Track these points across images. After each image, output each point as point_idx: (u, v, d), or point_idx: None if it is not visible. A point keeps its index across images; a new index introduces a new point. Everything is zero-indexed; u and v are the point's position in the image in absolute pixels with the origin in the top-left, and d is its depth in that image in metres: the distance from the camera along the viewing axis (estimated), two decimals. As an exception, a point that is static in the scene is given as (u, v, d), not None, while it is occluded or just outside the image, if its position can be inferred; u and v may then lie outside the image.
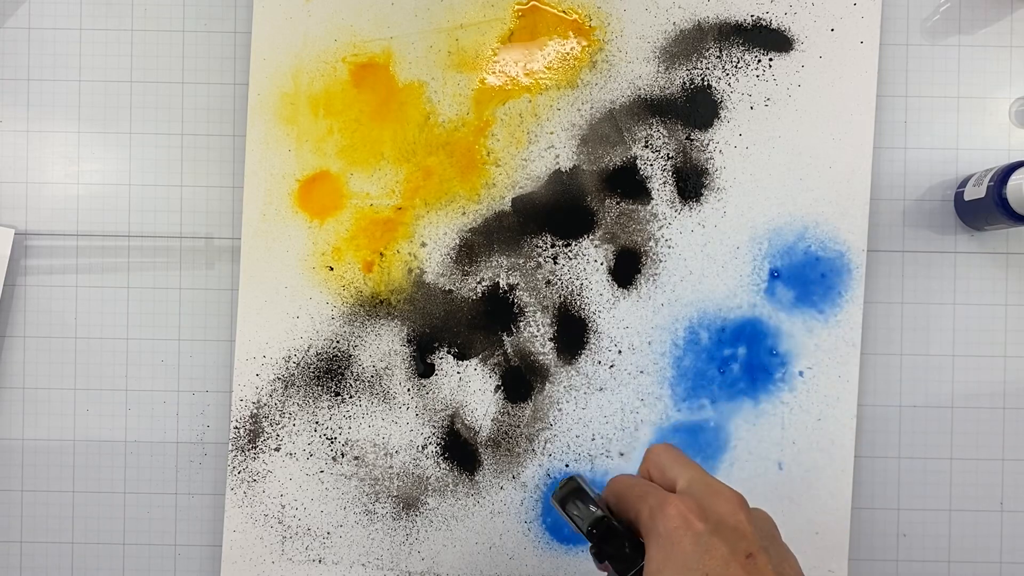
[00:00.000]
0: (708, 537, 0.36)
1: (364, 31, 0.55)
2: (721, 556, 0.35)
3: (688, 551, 0.36)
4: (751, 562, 0.36)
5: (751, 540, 0.37)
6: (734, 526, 0.37)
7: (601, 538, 0.39)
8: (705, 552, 0.35)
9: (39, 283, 0.56)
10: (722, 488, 0.38)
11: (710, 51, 0.55)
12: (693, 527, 0.36)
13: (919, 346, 0.56)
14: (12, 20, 0.56)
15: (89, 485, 0.56)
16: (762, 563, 0.36)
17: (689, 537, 0.36)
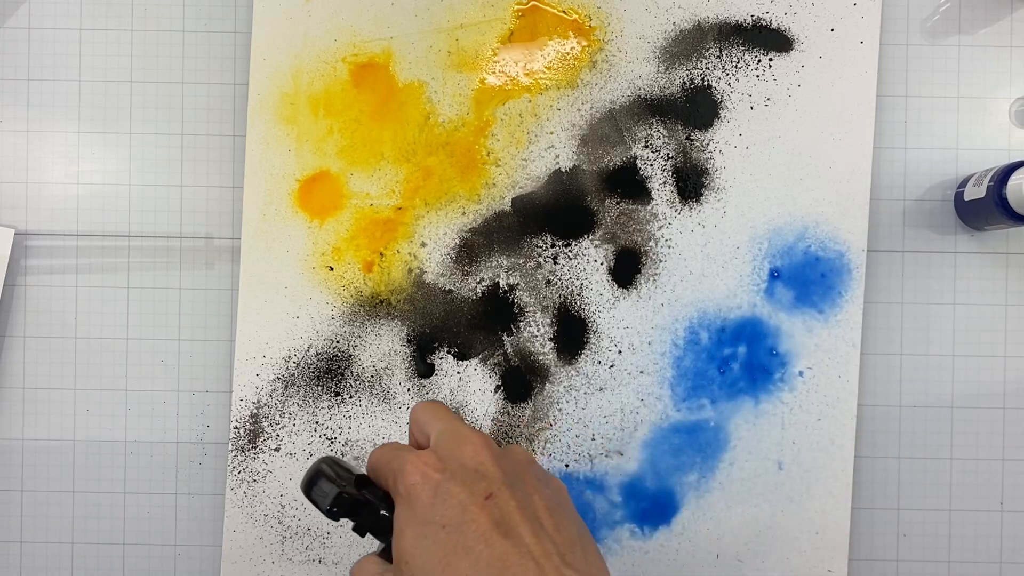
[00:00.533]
0: (446, 484, 0.35)
1: (364, 31, 0.55)
2: (458, 502, 0.35)
3: (426, 504, 0.35)
4: (491, 502, 0.35)
5: (492, 479, 0.36)
6: (474, 468, 0.36)
7: (348, 513, 0.38)
8: (442, 502, 0.35)
9: (39, 283, 0.56)
10: (469, 434, 0.37)
11: (710, 51, 0.55)
12: (430, 479, 0.35)
13: (919, 346, 0.56)
14: (12, 20, 0.56)
15: (89, 485, 0.56)
16: (503, 501, 0.35)
17: (427, 490, 0.35)
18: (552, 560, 0.34)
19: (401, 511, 0.36)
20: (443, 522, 0.34)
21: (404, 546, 0.35)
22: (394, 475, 0.37)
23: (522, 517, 0.35)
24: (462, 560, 0.34)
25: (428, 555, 0.34)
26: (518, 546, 0.34)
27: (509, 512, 0.35)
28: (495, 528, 0.34)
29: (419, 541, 0.35)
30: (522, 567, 0.33)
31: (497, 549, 0.34)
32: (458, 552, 0.34)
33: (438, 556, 0.34)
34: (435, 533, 0.34)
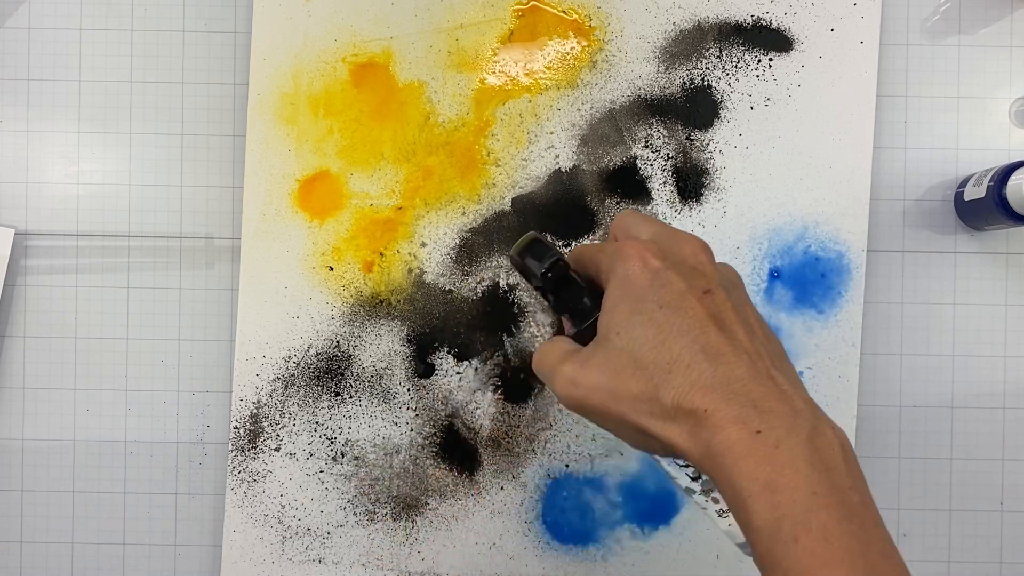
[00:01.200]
0: (665, 272, 0.35)
1: (364, 31, 0.55)
2: (677, 290, 0.35)
3: (644, 285, 0.35)
4: (708, 297, 0.35)
5: (710, 278, 0.36)
6: (693, 265, 0.36)
7: (557, 283, 0.39)
8: (661, 286, 0.35)
9: (39, 283, 0.56)
10: (686, 235, 0.37)
11: (710, 51, 0.55)
12: (650, 264, 0.36)
13: (919, 346, 0.56)
14: (12, 20, 0.56)
15: (89, 485, 0.56)
16: (720, 299, 0.35)
17: (646, 274, 0.35)
18: (764, 361, 0.34)
19: (615, 290, 0.36)
20: (660, 303, 0.35)
21: (617, 319, 0.35)
22: (609, 259, 0.37)
23: (736, 318, 0.35)
24: (676, 340, 0.34)
25: (641, 329, 0.35)
26: (732, 341, 0.34)
27: (725, 311, 0.35)
28: (711, 320, 0.34)
29: (633, 316, 0.35)
30: (736, 359, 0.33)
31: (712, 338, 0.34)
32: (673, 333, 0.34)
33: (651, 333, 0.34)
34: (651, 311, 0.35)
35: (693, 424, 0.33)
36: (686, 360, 0.33)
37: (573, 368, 0.36)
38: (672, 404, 0.33)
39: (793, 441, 0.31)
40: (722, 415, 0.32)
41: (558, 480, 0.55)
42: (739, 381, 0.33)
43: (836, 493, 0.31)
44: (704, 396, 0.33)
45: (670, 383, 0.33)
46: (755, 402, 0.32)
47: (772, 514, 0.30)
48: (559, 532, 0.55)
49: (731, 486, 0.32)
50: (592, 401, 0.35)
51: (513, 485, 0.55)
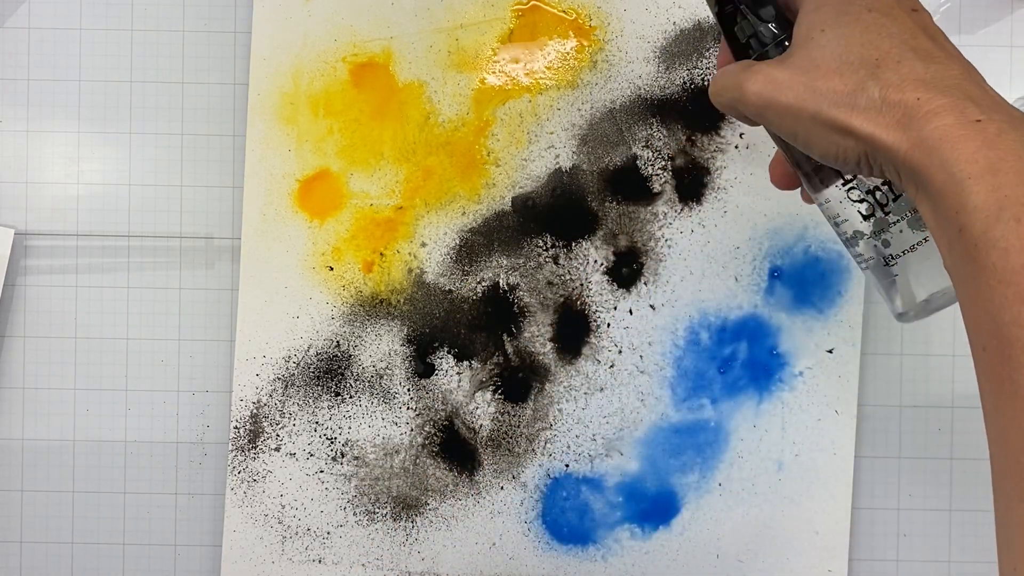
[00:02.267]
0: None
1: (364, 31, 0.55)
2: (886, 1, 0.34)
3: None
4: (917, 14, 0.34)
5: (917, 3, 0.35)
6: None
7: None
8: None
9: (39, 283, 0.56)
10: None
11: (710, 51, 0.55)
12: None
13: (919, 346, 0.56)
14: (12, 20, 0.56)
15: (89, 485, 0.56)
16: (927, 18, 0.34)
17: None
18: (977, 74, 0.33)
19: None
20: (870, 7, 0.33)
21: (822, 17, 0.34)
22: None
23: (946, 38, 0.34)
24: (885, 40, 0.32)
25: (848, 27, 0.33)
26: (944, 50, 0.33)
27: (935, 29, 0.34)
28: (922, 30, 0.33)
29: (840, 16, 0.33)
30: (949, 62, 0.32)
31: (923, 42, 0.33)
32: (882, 33, 0.33)
33: (859, 30, 0.33)
34: (859, 12, 0.33)
35: (903, 115, 0.31)
36: (895, 56, 0.32)
37: (768, 66, 0.34)
38: (880, 96, 0.32)
39: (1016, 134, 0.30)
40: (938, 103, 0.31)
41: (558, 480, 0.55)
42: (953, 79, 0.31)
43: None
44: (916, 88, 0.31)
45: (879, 76, 0.32)
46: (971, 97, 0.31)
47: (994, 195, 0.29)
48: (559, 532, 0.55)
49: (947, 171, 0.30)
50: (786, 97, 0.34)
51: (513, 485, 0.55)
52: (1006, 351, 0.29)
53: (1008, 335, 0.29)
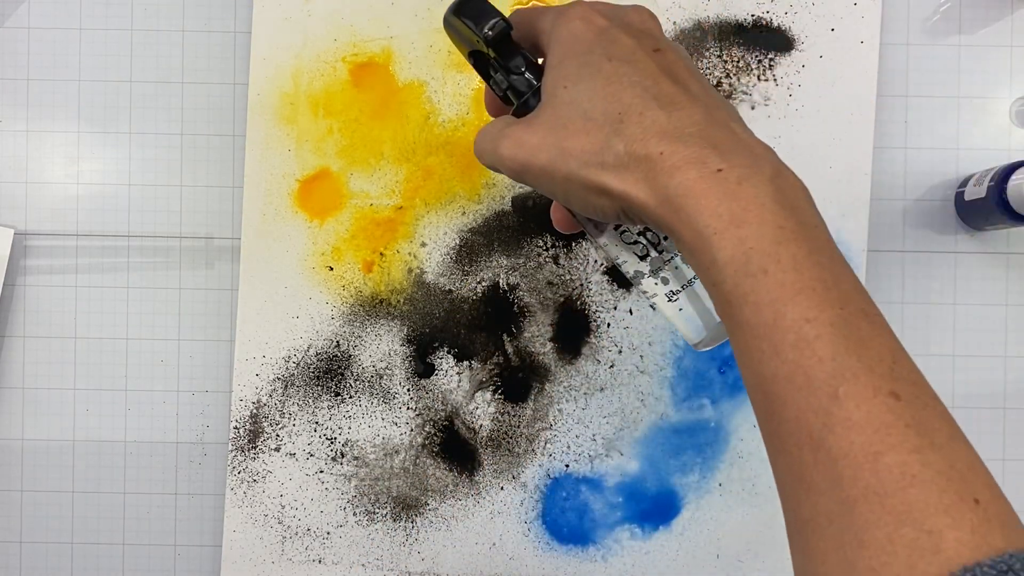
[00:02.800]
0: (613, 30, 0.33)
1: (364, 31, 0.55)
2: (626, 45, 0.33)
3: (591, 40, 0.33)
4: (659, 55, 0.33)
5: (660, 39, 0.34)
6: (642, 28, 0.34)
7: (498, 49, 0.35)
8: (610, 42, 0.33)
9: (39, 283, 0.56)
10: (636, 7, 0.35)
11: (710, 51, 0.55)
12: (596, 22, 0.34)
13: (919, 346, 0.56)
14: (12, 20, 0.56)
15: (89, 485, 0.56)
16: (671, 57, 0.33)
17: (592, 30, 0.33)
18: (721, 112, 0.32)
19: (559, 49, 0.34)
20: (610, 56, 0.33)
21: (563, 73, 0.33)
22: (552, 21, 0.35)
23: (690, 74, 0.33)
24: (628, 91, 0.32)
25: (589, 82, 0.32)
26: (687, 91, 0.32)
27: (678, 66, 0.33)
28: (663, 73, 0.33)
29: (581, 69, 0.33)
30: (692, 107, 0.32)
31: (665, 88, 0.32)
32: (624, 84, 0.32)
33: (600, 83, 0.32)
34: (599, 63, 0.33)
35: (648, 170, 0.31)
36: (638, 108, 0.31)
37: (518, 129, 0.34)
38: (625, 152, 0.31)
39: (757, 179, 0.30)
40: (680, 156, 0.30)
41: (558, 480, 0.55)
42: (696, 126, 0.31)
43: (804, 229, 0.29)
44: (659, 141, 0.31)
45: (622, 132, 0.31)
46: (713, 144, 0.31)
47: (739, 248, 0.29)
48: (559, 532, 0.55)
49: (692, 227, 0.30)
50: (538, 160, 0.33)
51: (513, 485, 0.55)
52: (769, 406, 0.29)
53: (768, 391, 0.29)
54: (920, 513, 0.26)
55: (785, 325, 0.28)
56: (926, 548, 0.25)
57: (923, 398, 0.29)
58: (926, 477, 0.26)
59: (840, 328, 0.28)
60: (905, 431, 0.27)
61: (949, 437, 0.28)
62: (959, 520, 0.26)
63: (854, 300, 0.29)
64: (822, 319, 0.28)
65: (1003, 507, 0.27)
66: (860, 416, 0.27)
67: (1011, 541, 0.26)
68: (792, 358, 0.28)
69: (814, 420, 0.28)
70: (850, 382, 0.27)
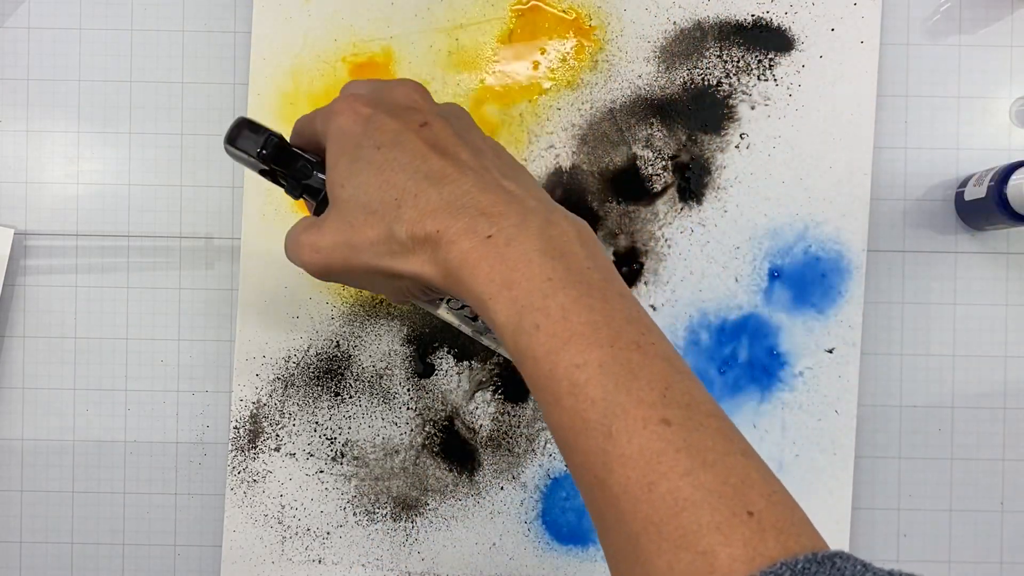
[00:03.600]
0: (377, 116, 0.35)
1: (364, 31, 0.55)
2: (391, 128, 0.34)
3: (358, 133, 0.34)
4: (426, 129, 0.34)
5: (426, 112, 0.35)
6: (407, 105, 0.35)
7: (279, 162, 0.38)
8: (375, 129, 0.34)
9: (39, 283, 0.56)
10: (399, 81, 0.37)
11: (710, 51, 0.55)
12: (361, 112, 0.35)
13: (919, 346, 0.56)
14: (12, 20, 0.56)
15: (89, 485, 0.56)
16: (438, 128, 0.34)
17: (359, 123, 0.35)
18: (492, 174, 0.33)
19: (333, 148, 0.35)
20: (377, 144, 0.34)
21: (339, 173, 0.34)
22: (323, 120, 0.36)
23: (459, 141, 0.34)
24: (399, 175, 0.33)
25: (364, 175, 0.34)
26: (456, 163, 0.33)
27: (445, 137, 0.34)
28: (431, 149, 0.34)
29: (353, 165, 0.34)
30: (461, 177, 0.33)
31: (435, 164, 0.33)
32: (394, 168, 0.33)
33: (373, 174, 0.34)
34: (370, 155, 0.34)
35: (431, 249, 0.32)
36: (412, 191, 0.33)
37: (311, 234, 0.36)
38: (408, 236, 0.33)
39: (524, 236, 0.31)
40: (454, 230, 0.32)
41: (558, 480, 0.55)
42: (466, 195, 0.32)
43: (573, 275, 0.30)
44: (434, 219, 0.32)
45: (401, 217, 0.33)
46: (484, 210, 0.32)
47: (513, 308, 0.30)
48: (559, 532, 0.55)
49: (473, 296, 0.31)
50: (335, 260, 0.35)
51: (513, 485, 0.55)
52: (564, 454, 0.30)
53: (560, 439, 0.30)
54: (694, 536, 0.26)
55: (559, 374, 0.29)
56: (701, 569, 0.26)
57: (696, 418, 0.29)
58: (697, 499, 0.27)
59: (609, 367, 0.29)
60: (676, 456, 0.27)
61: (723, 453, 0.28)
62: (730, 536, 0.26)
63: (625, 335, 0.29)
64: (591, 361, 0.29)
65: (780, 514, 0.27)
66: (632, 450, 0.28)
67: (786, 548, 0.26)
68: (569, 405, 0.29)
69: (595, 461, 0.28)
70: (620, 418, 0.28)
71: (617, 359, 0.29)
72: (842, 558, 0.26)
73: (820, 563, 0.26)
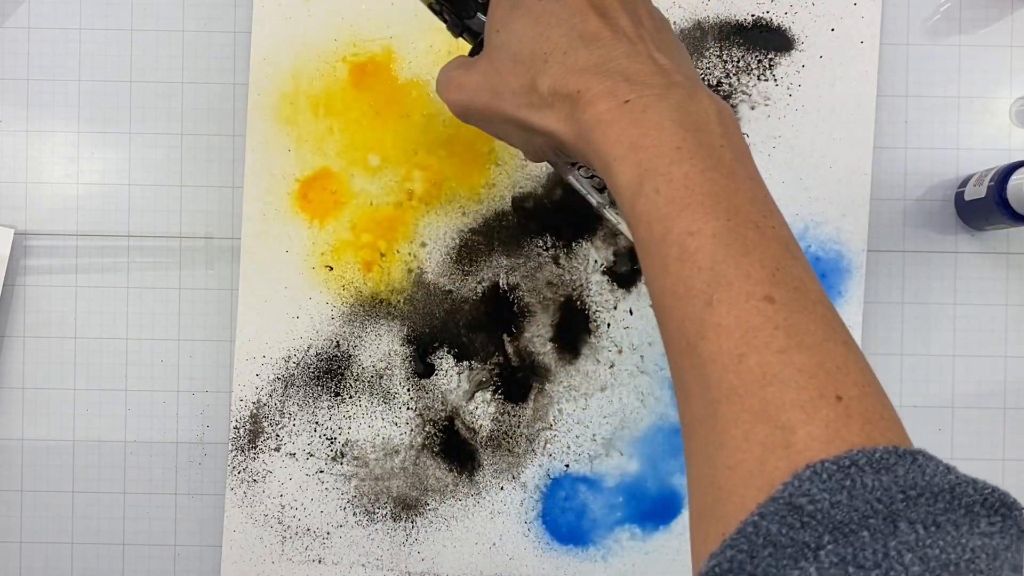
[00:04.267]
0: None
1: (364, 30, 0.55)
2: None
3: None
4: None
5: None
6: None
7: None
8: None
9: (39, 283, 0.56)
10: None
11: (710, 51, 0.55)
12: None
13: (919, 346, 0.56)
14: (12, 20, 0.56)
15: (89, 485, 0.56)
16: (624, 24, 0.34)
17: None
18: (646, 44, 0.33)
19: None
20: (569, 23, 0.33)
21: (497, 16, 0.34)
22: None
23: (621, 6, 0.34)
24: (554, 30, 0.33)
25: (521, 22, 0.34)
26: (613, 27, 0.33)
27: (608, 5, 0.34)
28: (592, 8, 0.33)
29: (513, 11, 0.34)
30: (614, 42, 0.32)
31: (592, 24, 0.33)
32: (552, 23, 0.33)
33: (529, 24, 0.33)
34: (530, 4, 0.34)
35: (569, 107, 0.32)
36: (563, 47, 0.33)
37: (461, 72, 0.36)
38: (549, 91, 0.33)
39: (663, 106, 0.31)
40: (594, 91, 0.31)
41: (558, 480, 0.55)
42: (614, 60, 0.32)
43: (704, 149, 0.30)
44: (578, 78, 0.32)
45: (546, 71, 0.33)
46: (628, 77, 0.32)
47: (636, 171, 0.30)
48: (559, 532, 0.55)
49: (599, 156, 0.31)
50: (477, 103, 0.35)
51: (513, 485, 0.55)
52: (661, 320, 0.30)
53: (659, 304, 0.30)
54: (775, 410, 0.26)
55: (671, 239, 0.29)
56: (778, 444, 0.25)
57: (802, 301, 0.28)
58: (786, 376, 0.26)
59: (722, 238, 0.28)
60: (774, 333, 0.27)
61: (823, 338, 0.27)
62: (813, 416, 0.26)
63: (745, 212, 0.29)
64: (705, 231, 0.28)
65: (871, 405, 0.27)
66: (730, 321, 0.27)
67: (870, 436, 0.26)
68: (675, 271, 0.29)
69: (690, 327, 0.28)
70: (724, 288, 0.28)
71: (732, 232, 0.28)
72: (925, 456, 0.25)
73: (901, 456, 0.25)
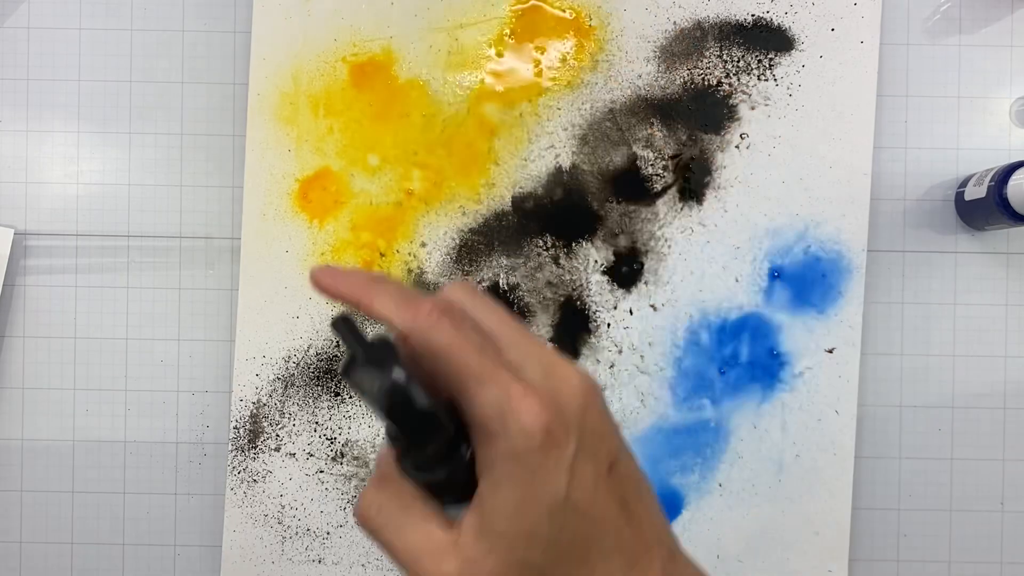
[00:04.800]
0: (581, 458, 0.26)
1: (364, 30, 0.55)
2: (591, 482, 0.26)
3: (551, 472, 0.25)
4: (614, 476, 0.27)
5: (612, 442, 0.27)
6: (593, 428, 0.26)
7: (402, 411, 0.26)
8: (577, 479, 0.25)
9: (39, 283, 0.56)
10: (573, 373, 0.27)
11: (710, 51, 0.55)
12: (557, 441, 0.25)
13: (919, 346, 0.56)
14: (12, 20, 0.56)
15: (89, 485, 0.56)
16: (624, 471, 0.27)
17: (555, 459, 0.25)
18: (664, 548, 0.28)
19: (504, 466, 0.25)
20: (576, 505, 0.26)
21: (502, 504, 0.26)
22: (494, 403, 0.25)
23: (636, 492, 0.28)
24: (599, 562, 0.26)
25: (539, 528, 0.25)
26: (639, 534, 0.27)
27: (628, 488, 0.27)
28: (621, 512, 0.27)
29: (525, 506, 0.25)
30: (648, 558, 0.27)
31: (626, 540, 0.27)
32: (592, 549, 0.26)
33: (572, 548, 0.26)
34: (566, 518, 0.26)
35: None
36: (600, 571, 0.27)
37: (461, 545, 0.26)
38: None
39: None
40: None
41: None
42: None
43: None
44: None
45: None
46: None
47: None
48: (559, 532, 0.54)
49: None
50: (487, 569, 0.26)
51: (513, 485, 0.55)
52: None
53: None
54: None
55: None
56: None
57: None
58: None
59: None
60: None
61: None
62: None
63: None
64: None
65: None
66: None
67: None
68: None
69: None
70: None
71: None
72: None
73: None
